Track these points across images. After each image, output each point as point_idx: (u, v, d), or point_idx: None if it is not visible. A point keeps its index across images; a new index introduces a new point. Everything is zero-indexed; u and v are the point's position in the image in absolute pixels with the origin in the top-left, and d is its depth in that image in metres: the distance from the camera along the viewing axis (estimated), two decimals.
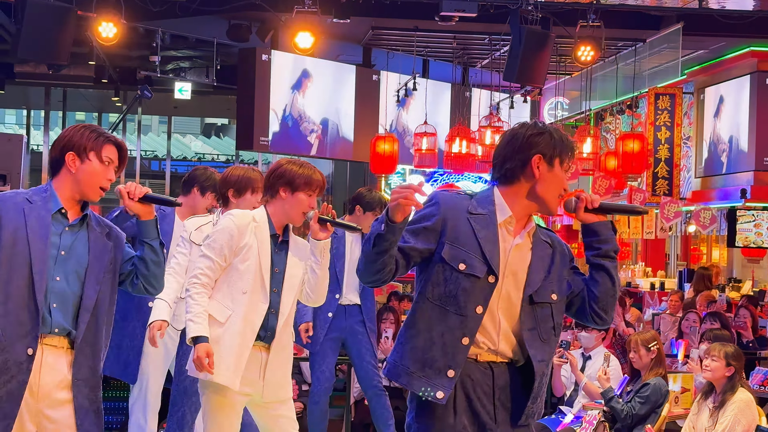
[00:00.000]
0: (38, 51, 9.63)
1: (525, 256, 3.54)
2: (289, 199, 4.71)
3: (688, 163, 15.28)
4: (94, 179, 3.81)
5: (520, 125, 3.57)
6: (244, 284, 4.66)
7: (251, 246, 4.68)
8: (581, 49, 11.25)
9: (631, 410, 6.60)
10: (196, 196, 6.21)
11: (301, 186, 4.70)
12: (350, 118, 14.00)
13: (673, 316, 11.09)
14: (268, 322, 4.70)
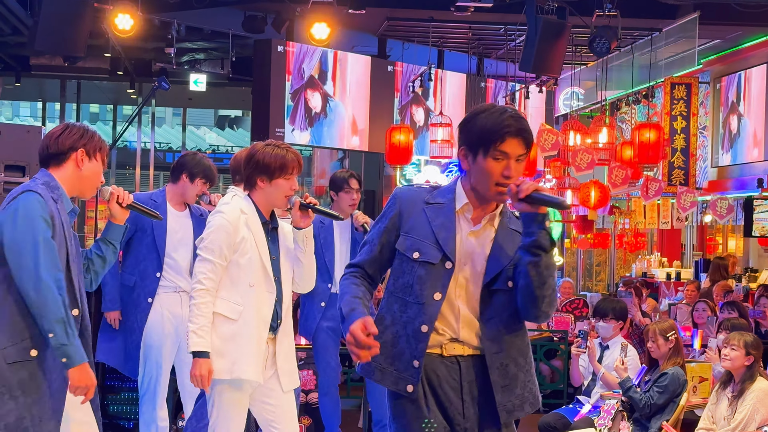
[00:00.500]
0: (55, 43, 9.65)
1: (485, 244, 3.46)
2: (267, 188, 4.64)
3: (705, 153, 15.24)
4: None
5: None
6: (250, 277, 4.60)
7: (247, 238, 4.61)
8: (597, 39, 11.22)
9: (649, 400, 6.59)
10: (185, 183, 6.15)
11: (276, 172, 4.62)
12: (365, 108, 13.99)
13: (690, 306, 11.08)
14: (277, 312, 4.67)
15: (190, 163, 6.18)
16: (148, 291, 6.10)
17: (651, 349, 6.84)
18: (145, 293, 6.09)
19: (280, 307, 4.69)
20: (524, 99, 13.98)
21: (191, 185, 6.15)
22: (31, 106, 27.05)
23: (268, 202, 4.68)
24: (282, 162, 4.62)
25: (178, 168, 6.19)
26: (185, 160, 6.25)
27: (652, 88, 13.06)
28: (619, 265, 19.78)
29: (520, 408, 3.51)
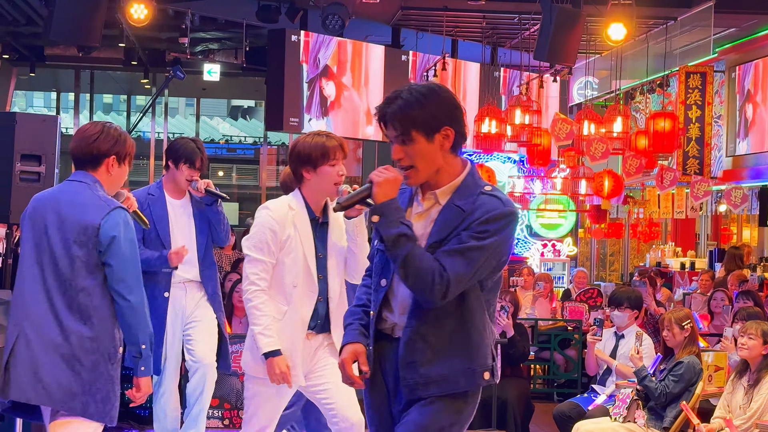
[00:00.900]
0: (70, 33, 9.68)
1: (427, 225, 3.38)
2: (314, 178, 4.55)
3: (719, 142, 15.18)
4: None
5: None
6: (293, 277, 4.52)
7: (292, 237, 4.52)
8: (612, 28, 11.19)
9: (664, 389, 6.58)
10: (172, 170, 6.02)
11: (319, 160, 4.53)
12: (379, 98, 13.99)
13: (704, 296, 11.07)
14: (318, 311, 4.59)
15: (172, 149, 6.05)
16: (163, 286, 6.01)
17: (666, 337, 6.83)
18: (160, 288, 6.00)
19: (323, 306, 4.60)
20: (538, 88, 13.96)
21: (177, 171, 6.01)
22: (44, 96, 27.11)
23: (317, 193, 4.58)
24: (323, 149, 4.53)
25: (165, 155, 6.12)
26: (170, 146, 6.14)
27: (666, 77, 13.01)
28: (633, 254, 19.74)
29: (424, 387, 3.32)
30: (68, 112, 20.19)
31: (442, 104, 3.36)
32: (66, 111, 21.41)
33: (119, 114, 25.71)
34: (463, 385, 3.33)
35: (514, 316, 8.48)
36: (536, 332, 10.11)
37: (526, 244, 16.43)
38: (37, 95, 27.21)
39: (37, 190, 6.39)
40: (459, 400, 3.36)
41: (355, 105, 13.77)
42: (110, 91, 24.34)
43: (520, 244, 16.37)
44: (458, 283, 3.23)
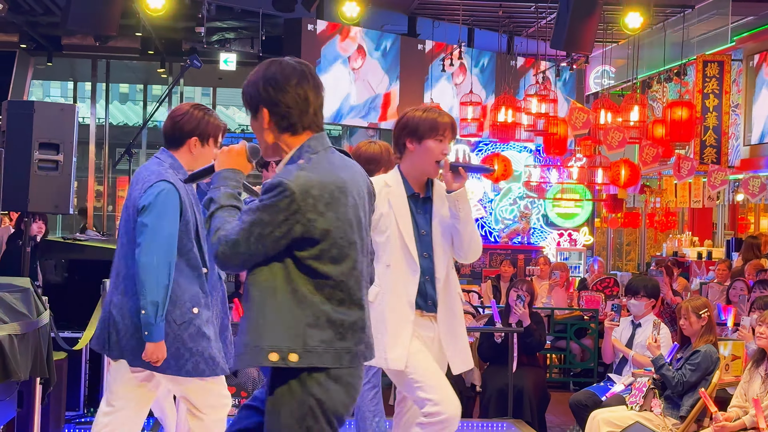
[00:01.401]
0: (87, 22, 9.69)
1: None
2: (417, 150, 4.35)
3: (737, 131, 15.12)
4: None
5: None
6: (387, 257, 4.32)
7: (387, 214, 4.33)
8: (629, 16, 11.16)
9: (681, 378, 6.58)
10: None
11: (426, 132, 4.34)
12: (395, 87, 13.98)
13: (721, 285, 11.05)
14: (426, 290, 4.36)
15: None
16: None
17: (683, 326, 6.82)
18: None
19: (432, 286, 4.38)
20: (555, 77, 13.93)
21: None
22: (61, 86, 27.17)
23: (417, 168, 4.38)
24: (433, 123, 4.35)
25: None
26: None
27: (684, 66, 12.97)
28: (650, 244, 19.70)
29: (240, 357, 3.16)
30: (85, 101, 20.23)
31: (258, 82, 3.23)
32: (83, 100, 21.45)
33: (135, 103, 25.75)
34: (247, 362, 3.15)
35: (530, 306, 8.48)
36: (552, 321, 10.11)
37: (542, 233, 16.40)
38: (54, 85, 27.27)
39: (55, 178, 6.45)
40: (290, 377, 3.11)
41: (370, 94, 13.76)
42: (127, 81, 24.35)
43: (536, 233, 16.35)
44: (233, 246, 3.08)
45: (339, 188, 3.13)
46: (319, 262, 3.11)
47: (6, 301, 4.83)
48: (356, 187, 3.22)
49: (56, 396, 6.25)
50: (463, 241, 4.36)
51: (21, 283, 5.10)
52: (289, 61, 3.28)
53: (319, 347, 3.09)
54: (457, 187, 4.27)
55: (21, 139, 6.33)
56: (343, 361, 3.12)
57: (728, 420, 6.09)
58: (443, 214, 4.37)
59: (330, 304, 3.12)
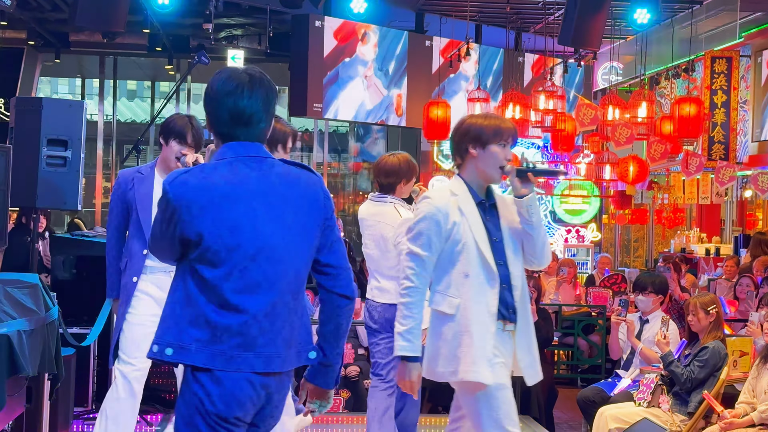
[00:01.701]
0: (95, 19, 9.71)
1: None
2: (481, 156, 4.24)
3: (745, 127, 15.08)
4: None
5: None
6: (464, 267, 4.19)
7: (459, 223, 4.20)
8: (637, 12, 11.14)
9: (690, 374, 6.57)
10: (163, 147, 5.59)
11: (491, 138, 4.24)
12: (403, 83, 13.98)
13: (729, 282, 11.03)
14: (505, 299, 4.26)
15: (163, 125, 5.64)
16: (134, 270, 5.47)
17: (691, 322, 6.82)
18: (131, 272, 5.48)
19: (510, 294, 4.27)
20: (563, 74, 13.91)
21: (167, 148, 5.58)
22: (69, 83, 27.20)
23: (481, 174, 4.29)
24: (496, 129, 4.28)
25: (159, 133, 5.67)
26: (162, 123, 5.71)
27: (692, 62, 12.94)
28: (658, 240, 19.67)
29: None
30: (93, 98, 20.26)
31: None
32: (91, 97, 21.48)
33: (143, 100, 25.77)
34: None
35: (538, 302, 8.48)
36: (560, 318, 10.11)
37: (550, 229, 16.39)
38: (62, 81, 27.30)
39: (63, 175, 6.47)
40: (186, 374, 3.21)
41: (377, 91, 13.76)
42: (134, 78, 24.38)
43: None
44: (152, 240, 3.33)
45: (221, 195, 3.15)
46: (200, 263, 3.17)
47: (14, 296, 4.84)
48: (263, 195, 3.20)
49: (64, 392, 6.26)
50: (536, 247, 4.31)
51: (29, 279, 5.11)
52: (228, 70, 3.31)
53: (192, 346, 3.14)
54: (526, 192, 4.22)
55: (29, 136, 6.34)
56: (216, 363, 3.13)
57: (736, 417, 6.09)
58: (510, 220, 4.31)
59: (210, 306, 3.16)
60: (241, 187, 3.18)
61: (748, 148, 14.97)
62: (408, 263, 4.21)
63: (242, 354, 3.15)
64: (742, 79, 14.93)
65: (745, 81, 15.07)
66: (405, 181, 6.07)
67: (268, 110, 3.28)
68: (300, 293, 3.25)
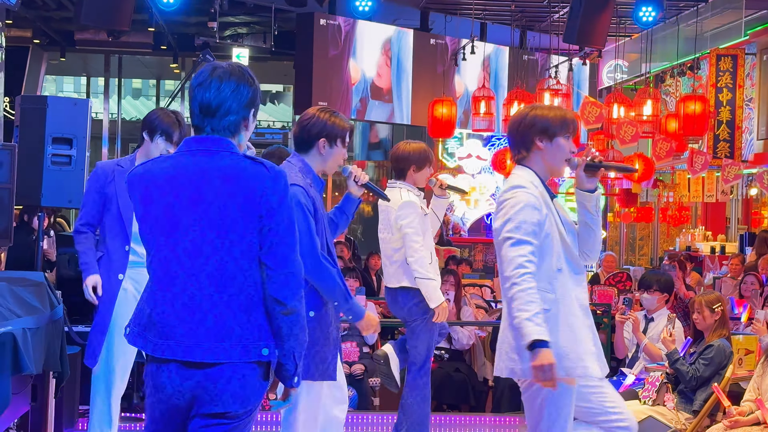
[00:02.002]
0: (100, 17, 9.71)
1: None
2: (548, 149, 4.13)
3: (751, 125, 15.07)
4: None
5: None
6: (556, 261, 4.07)
7: (548, 215, 4.07)
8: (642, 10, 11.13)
9: (695, 372, 6.56)
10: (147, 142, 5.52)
11: (558, 130, 4.13)
12: (407, 81, 13.98)
13: (734, 280, 11.01)
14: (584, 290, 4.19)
15: (149, 120, 5.55)
16: (118, 267, 5.38)
17: (696, 320, 6.80)
18: (115, 269, 5.38)
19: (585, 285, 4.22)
20: (568, 72, 13.90)
21: (152, 144, 5.50)
22: (74, 81, 27.25)
23: (547, 167, 4.18)
24: (563, 120, 4.17)
25: (142, 126, 5.60)
26: (146, 116, 5.63)
27: (697, 60, 12.93)
28: (663, 239, 19.65)
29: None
30: (98, 96, 20.28)
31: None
32: (96, 96, 21.51)
33: (148, 99, 25.81)
34: None
35: None
36: None
37: None
38: (67, 80, 27.35)
39: (68, 173, 6.47)
40: None
41: (383, 89, 13.76)
42: (139, 76, 24.42)
43: None
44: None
45: (155, 185, 3.24)
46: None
47: (20, 295, 4.84)
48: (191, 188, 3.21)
49: (70, 390, 6.27)
50: (596, 242, 4.25)
51: (34, 278, 5.12)
52: (206, 65, 3.37)
53: (134, 329, 3.29)
54: (591, 186, 4.16)
55: (34, 134, 6.34)
56: (147, 350, 3.25)
57: (741, 414, 6.08)
58: (566, 213, 4.26)
59: (145, 293, 3.31)
60: (174, 180, 3.22)
61: (754, 146, 14.95)
62: (519, 251, 3.95)
63: (153, 339, 3.22)
64: (747, 76, 14.92)
65: (750, 79, 15.06)
66: (415, 168, 6.16)
67: (239, 102, 3.28)
68: (232, 288, 3.19)
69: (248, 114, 3.32)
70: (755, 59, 14.98)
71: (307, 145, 4.61)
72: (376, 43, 13.62)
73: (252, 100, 3.32)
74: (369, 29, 13.49)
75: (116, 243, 5.38)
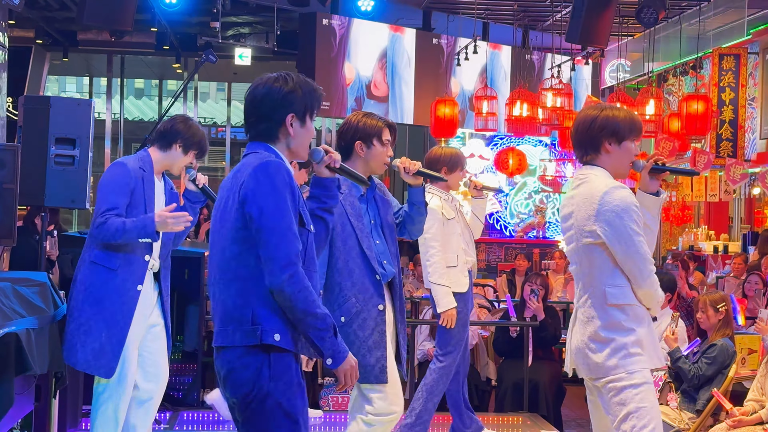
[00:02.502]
0: (103, 17, 9.71)
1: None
2: (616, 152, 4.13)
3: (753, 125, 15.06)
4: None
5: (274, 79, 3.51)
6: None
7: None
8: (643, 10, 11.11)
9: (698, 371, 6.56)
10: (176, 153, 5.37)
11: (627, 133, 4.13)
12: (410, 81, 13.97)
13: (737, 279, 11.01)
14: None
15: (185, 132, 5.38)
16: (137, 277, 5.20)
17: (700, 319, 6.81)
18: (134, 279, 5.19)
19: None
20: (570, 71, 13.90)
21: (183, 156, 5.38)
22: (77, 81, 27.25)
23: (613, 170, 4.16)
24: (632, 124, 4.18)
25: (171, 135, 5.37)
26: (179, 127, 5.41)
27: (700, 59, 12.91)
28: (665, 238, 19.63)
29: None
30: (100, 97, 20.30)
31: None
32: (98, 96, 21.52)
33: (151, 99, 25.82)
34: None
35: (545, 299, 8.48)
36: (568, 315, 10.09)
37: (557, 227, 16.37)
38: (70, 80, 27.36)
39: (72, 174, 6.47)
40: None
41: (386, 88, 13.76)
42: (142, 76, 24.43)
43: (551, 227, 16.33)
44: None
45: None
46: None
47: (23, 295, 4.85)
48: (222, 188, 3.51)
49: (73, 389, 6.28)
50: (652, 243, 4.26)
51: (38, 278, 5.12)
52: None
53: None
54: (654, 189, 4.20)
55: (37, 134, 6.34)
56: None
57: (744, 414, 6.08)
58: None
59: None
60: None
61: (756, 146, 14.93)
62: (642, 249, 4.05)
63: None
64: (750, 76, 14.90)
65: (753, 78, 15.04)
66: (446, 170, 6.40)
67: (258, 111, 3.46)
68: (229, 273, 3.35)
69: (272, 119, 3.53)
70: (758, 58, 14.96)
71: (347, 150, 4.77)
72: (371, 43, 13.59)
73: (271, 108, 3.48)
74: (364, 29, 13.46)
75: (138, 252, 5.21)
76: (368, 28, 13.47)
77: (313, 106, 3.52)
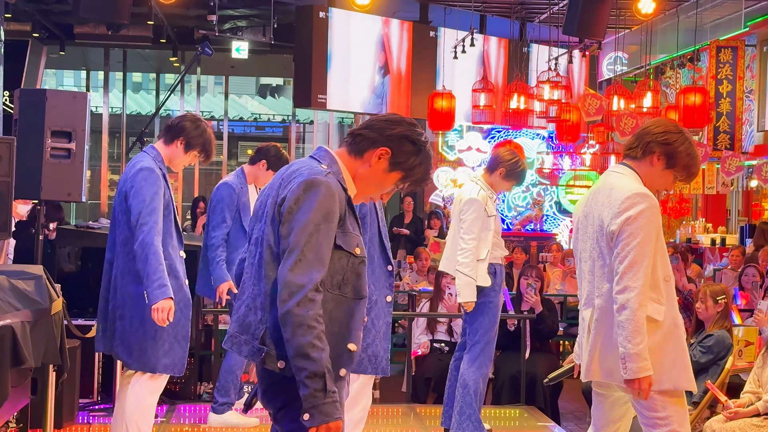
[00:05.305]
0: (99, 11, 9.72)
1: None
2: (657, 172, 4.07)
3: (751, 117, 15.06)
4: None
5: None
6: (664, 269, 4.00)
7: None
8: (642, 2, 11.11)
9: (691, 358, 6.56)
10: (178, 150, 5.31)
11: (677, 165, 4.06)
12: (407, 74, 13.96)
13: (735, 271, 11.01)
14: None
15: (191, 130, 5.29)
16: (183, 275, 5.27)
17: (699, 310, 6.80)
18: (182, 276, 5.26)
19: None
20: (567, 64, 13.89)
21: (184, 155, 5.32)
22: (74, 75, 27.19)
23: (648, 184, 4.09)
24: (687, 165, 4.10)
25: (176, 130, 5.31)
26: (186, 124, 5.33)
27: (697, 52, 12.91)
28: (663, 231, 19.60)
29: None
30: (98, 90, 20.26)
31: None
32: (96, 90, 21.48)
33: (148, 92, 25.77)
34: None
35: (542, 292, 8.48)
36: (565, 308, 10.10)
37: (555, 220, 16.37)
38: (67, 74, 27.29)
39: (67, 166, 6.46)
40: None
41: (382, 81, 13.75)
42: (140, 70, 24.36)
43: (549, 220, 16.32)
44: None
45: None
46: None
47: (19, 288, 4.84)
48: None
49: (70, 383, 6.27)
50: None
51: (33, 271, 5.11)
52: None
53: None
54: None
55: (33, 127, 6.33)
56: None
57: (741, 406, 6.08)
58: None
59: None
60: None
61: (754, 138, 14.94)
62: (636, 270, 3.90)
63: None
64: (747, 68, 14.90)
65: (750, 71, 15.04)
66: (503, 172, 6.44)
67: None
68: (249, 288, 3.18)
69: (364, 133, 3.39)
70: (755, 51, 14.96)
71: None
72: (367, 35, 13.57)
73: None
74: (361, 21, 13.44)
75: (176, 251, 5.22)
76: (364, 21, 13.45)
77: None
